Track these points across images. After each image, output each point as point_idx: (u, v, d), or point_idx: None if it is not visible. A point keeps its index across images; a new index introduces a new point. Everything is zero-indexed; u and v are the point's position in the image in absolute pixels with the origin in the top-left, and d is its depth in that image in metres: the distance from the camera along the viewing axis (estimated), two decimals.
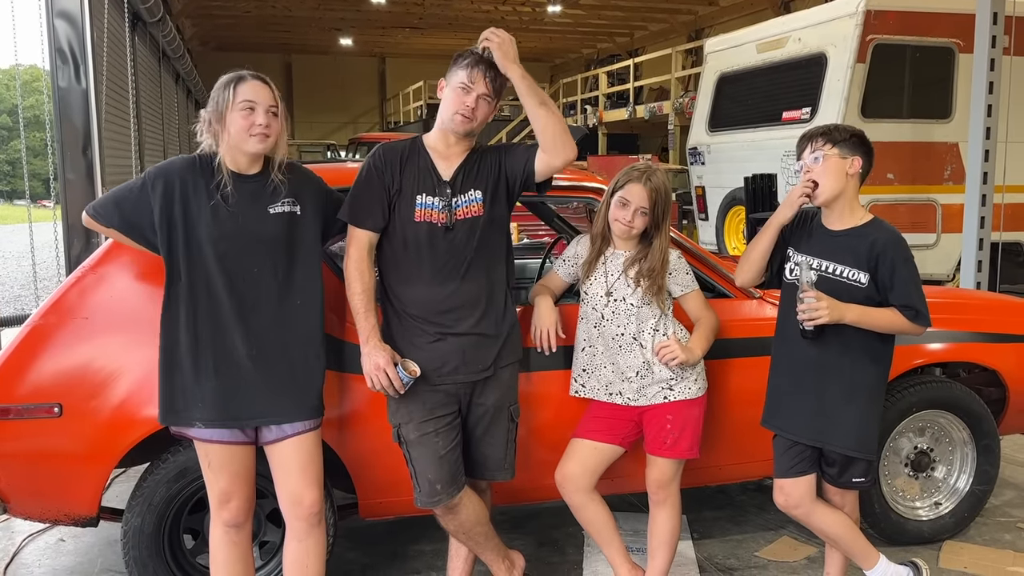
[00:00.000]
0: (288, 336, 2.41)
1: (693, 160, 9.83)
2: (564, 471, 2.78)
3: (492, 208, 2.57)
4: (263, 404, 2.38)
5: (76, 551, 3.39)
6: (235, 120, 2.30)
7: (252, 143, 2.31)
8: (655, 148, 18.94)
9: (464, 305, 2.54)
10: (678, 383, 2.72)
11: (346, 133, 27.97)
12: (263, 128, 2.30)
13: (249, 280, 2.36)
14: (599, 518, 2.80)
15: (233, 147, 2.35)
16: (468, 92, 2.48)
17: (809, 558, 3.29)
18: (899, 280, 2.49)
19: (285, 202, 2.41)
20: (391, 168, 2.54)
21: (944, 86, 7.49)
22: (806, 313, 2.46)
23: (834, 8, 7.78)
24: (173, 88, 16.96)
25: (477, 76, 2.47)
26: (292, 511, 2.46)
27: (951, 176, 7.50)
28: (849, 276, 2.53)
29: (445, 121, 2.54)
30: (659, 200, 2.69)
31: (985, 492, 3.42)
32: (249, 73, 2.36)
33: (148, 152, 11.79)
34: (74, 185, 6.98)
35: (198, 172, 2.37)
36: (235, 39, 25.41)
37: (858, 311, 2.49)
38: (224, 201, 2.34)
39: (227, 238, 2.34)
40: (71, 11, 6.87)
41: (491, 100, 2.52)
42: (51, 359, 2.62)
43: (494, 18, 22.39)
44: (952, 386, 3.33)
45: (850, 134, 2.53)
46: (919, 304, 2.50)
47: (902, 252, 2.51)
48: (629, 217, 2.68)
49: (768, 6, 18.43)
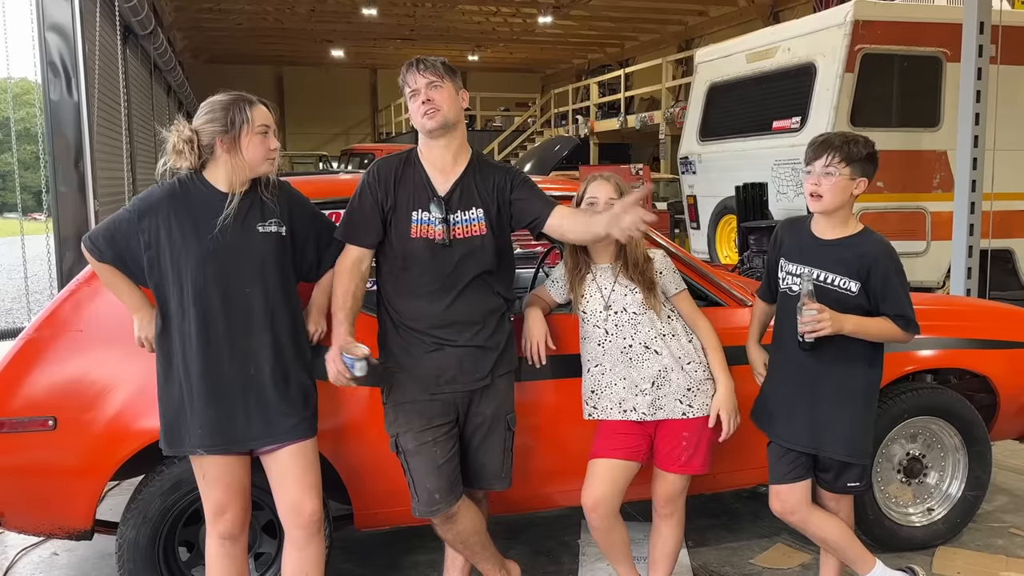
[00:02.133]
0: (279, 356, 2.41)
1: (684, 169, 9.87)
2: (595, 495, 2.68)
3: (494, 229, 2.57)
4: (259, 427, 2.39)
5: (70, 565, 3.37)
6: (254, 143, 2.35)
7: (267, 165, 2.39)
8: (646, 158, 18.98)
9: (462, 320, 2.54)
10: (696, 395, 2.69)
11: (338, 144, 27.95)
12: (274, 153, 2.39)
13: (240, 301, 2.36)
14: (621, 538, 2.76)
15: (241, 168, 2.36)
16: (417, 93, 2.50)
17: (803, 565, 3.30)
18: (891, 290, 2.53)
19: (272, 222, 2.42)
20: (384, 185, 2.54)
21: (932, 95, 7.56)
22: (808, 325, 2.48)
23: (823, 18, 7.85)
24: (165, 100, 16.95)
25: (412, 76, 2.51)
26: (291, 520, 2.46)
27: (940, 184, 7.56)
28: (840, 285, 2.56)
29: (420, 128, 2.56)
30: (623, 192, 2.69)
31: (977, 498, 3.44)
32: (254, 97, 2.40)
33: (140, 164, 11.76)
34: (66, 198, 6.97)
35: (180, 198, 2.36)
36: (227, 51, 25.41)
37: (855, 321, 2.52)
38: (212, 222, 2.34)
39: (217, 259, 2.34)
40: (63, 24, 6.87)
41: (440, 83, 2.51)
42: (45, 372, 2.62)
43: (485, 29, 22.46)
44: (944, 392, 3.36)
45: (864, 154, 2.54)
46: (910, 312, 2.55)
47: (894, 263, 2.55)
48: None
49: (757, 16, 18.54)
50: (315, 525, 2.47)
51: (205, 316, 2.34)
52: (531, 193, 2.60)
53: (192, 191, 2.37)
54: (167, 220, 2.34)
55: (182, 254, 2.34)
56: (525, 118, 23.96)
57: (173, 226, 2.34)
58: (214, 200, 2.36)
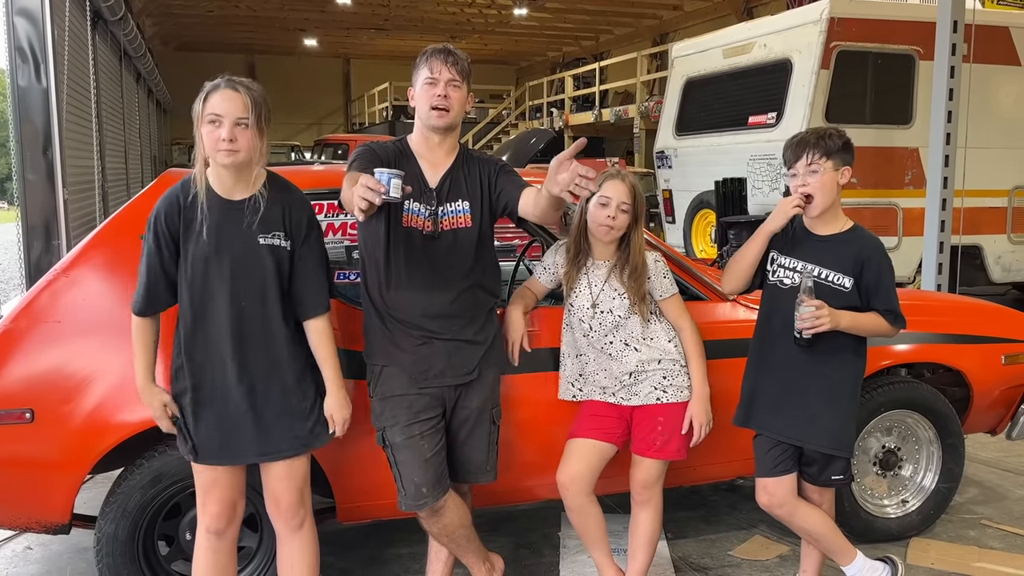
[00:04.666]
0: (280, 370, 2.37)
1: (660, 164, 9.92)
2: (569, 472, 2.73)
3: (478, 220, 2.57)
4: (262, 442, 2.37)
5: (44, 559, 3.32)
6: (204, 135, 2.24)
7: (222, 156, 2.22)
8: (620, 151, 19.05)
9: (449, 313, 2.54)
10: (671, 384, 2.74)
11: (311, 134, 27.70)
12: (228, 144, 2.20)
13: (235, 311, 2.30)
14: (595, 520, 2.79)
15: (212, 162, 2.29)
16: (435, 84, 2.48)
17: (781, 556, 3.34)
18: (884, 286, 2.58)
19: (276, 235, 2.33)
20: (382, 158, 2.49)
21: (905, 92, 7.66)
22: (807, 322, 2.49)
23: (799, 15, 7.92)
24: (134, 88, 16.67)
25: (438, 65, 2.48)
26: (273, 513, 2.48)
27: (912, 180, 7.67)
28: (835, 280, 2.59)
29: (424, 119, 2.54)
30: (637, 196, 2.73)
31: (951, 490, 3.50)
32: (224, 81, 2.26)
33: (109, 152, 11.59)
34: (34, 186, 6.84)
35: (176, 206, 2.30)
36: (197, 39, 25.07)
37: (850, 317, 2.55)
38: (207, 227, 2.28)
39: (215, 267, 2.29)
40: (31, 9, 6.72)
41: (460, 84, 2.51)
42: (22, 364, 2.57)
43: (460, 20, 22.37)
44: (918, 386, 3.41)
45: (841, 143, 2.58)
46: (898, 307, 2.60)
47: (886, 259, 2.60)
48: (612, 213, 2.68)
49: (731, 12, 18.67)
50: (294, 520, 2.46)
51: (206, 324, 2.30)
52: (509, 180, 2.61)
53: (187, 198, 2.31)
54: (172, 226, 2.30)
55: (185, 262, 2.31)
56: (500, 110, 23.91)
57: (179, 232, 2.30)
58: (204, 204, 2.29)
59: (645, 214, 2.85)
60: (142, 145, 16.98)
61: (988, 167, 7.62)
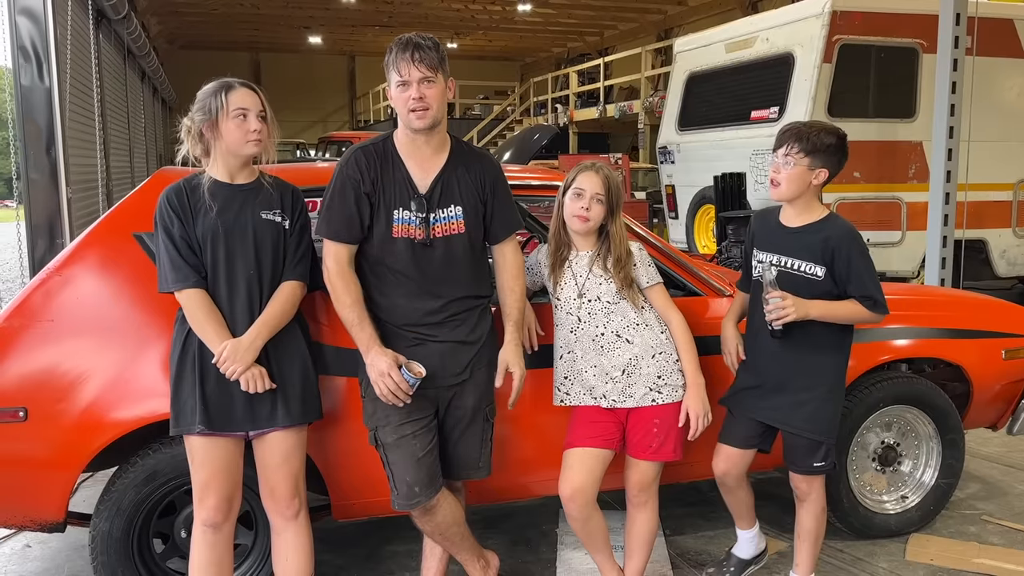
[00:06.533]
0: (279, 343, 2.44)
1: (663, 159, 9.89)
2: (574, 484, 2.66)
3: (471, 225, 2.53)
4: (260, 409, 2.42)
5: (42, 557, 3.33)
6: (230, 128, 2.37)
7: (249, 147, 2.39)
8: (625, 147, 19.02)
9: (441, 319, 2.52)
10: (666, 383, 2.69)
11: (316, 132, 27.74)
12: (257, 134, 2.39)
13: (244, 283, 2.40)
14: (599, 528, 2.76)
15: (227, 153, 2.41)
16: (407, 86, 2.37)
17: (779, 552, 3.32)
18: (855, 272, 2.58)
19: (276, 212, 2.46)
20: (368, 177, 2.46)
21: (908, 86, 7.61)
22: (773, 313, 2.54)
23: (801, 8, 7.87)
24: (139, 86, 16.69)
25: (405, 67, 2.36)
26: (268, 504, 2.51)
27: (915, 174, 7.63)
28: (806, 271, 2.62)
29: (405, 122, 2.45)
30: (612, 187, 2.70)
31: (950, 486, 3.48)
32: (237, 81, 2.42)
33: (113, 151, 11.60)
34: (37, 185, 6.86)
35: (185, 193, 2.42)
36: (202, 37, 25.09)
37: (822, 306, 2.57)
38: (215, 208, 2.39)
39: (223, 240, 2.39)
40: (34, 8, 6.74)
41: (434, 79, 2.37)
42: (16, 362, 2.58)
43: (464, 16, 22.34)
44: (918, 382, 3.39)
45: (827, 145, 2.58)
46: (876, 293, 2.60)
47: (857, 245, 2.60)
48: (586, 204, 2.66)
49: (736, 6, 18.57)
50: (290, 511, 2.50)
51: (215, 295, 2.40)
52: (502, 214, 2.59)
53: (193, 188, 2.42)
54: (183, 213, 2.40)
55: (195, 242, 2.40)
56: (504, 106, 23.89)
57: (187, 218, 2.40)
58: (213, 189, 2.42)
59: (644, 211, 2.85)
60: (147, 143, 17.00)
61: (993, 160, 7.58)
